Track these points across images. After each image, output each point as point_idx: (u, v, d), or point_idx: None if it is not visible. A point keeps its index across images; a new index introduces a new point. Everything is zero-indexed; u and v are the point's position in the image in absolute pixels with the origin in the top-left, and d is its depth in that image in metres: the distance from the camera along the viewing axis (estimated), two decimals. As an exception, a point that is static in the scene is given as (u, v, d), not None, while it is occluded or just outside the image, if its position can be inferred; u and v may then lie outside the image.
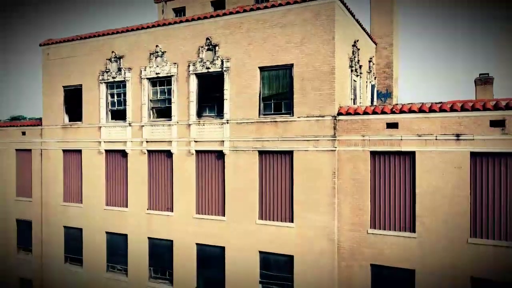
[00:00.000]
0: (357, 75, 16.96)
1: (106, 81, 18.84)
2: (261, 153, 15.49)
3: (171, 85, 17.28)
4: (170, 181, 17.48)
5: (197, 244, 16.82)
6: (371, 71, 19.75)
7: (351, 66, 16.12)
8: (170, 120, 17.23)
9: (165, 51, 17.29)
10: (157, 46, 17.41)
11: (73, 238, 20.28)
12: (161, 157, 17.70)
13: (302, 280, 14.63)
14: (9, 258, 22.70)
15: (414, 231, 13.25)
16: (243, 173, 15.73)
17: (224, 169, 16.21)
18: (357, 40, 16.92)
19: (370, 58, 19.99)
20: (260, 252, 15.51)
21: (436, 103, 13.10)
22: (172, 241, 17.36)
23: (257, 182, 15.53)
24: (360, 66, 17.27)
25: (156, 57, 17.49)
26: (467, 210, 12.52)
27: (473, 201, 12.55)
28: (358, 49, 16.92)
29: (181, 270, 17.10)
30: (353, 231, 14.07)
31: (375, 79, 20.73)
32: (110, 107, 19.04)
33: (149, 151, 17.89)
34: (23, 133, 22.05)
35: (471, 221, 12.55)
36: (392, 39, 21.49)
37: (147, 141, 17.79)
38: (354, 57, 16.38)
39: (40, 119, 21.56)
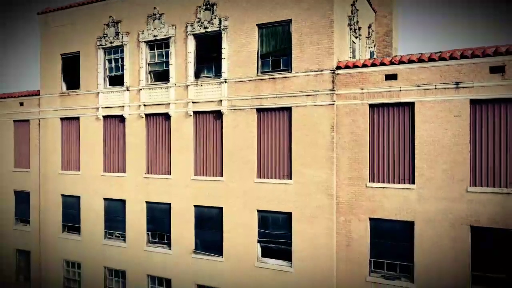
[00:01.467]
0: (356, 37, 16.83)
1: (103, 46, 18.73)
2: (259, 111, 15.38)
3: (168, 48, 17.16)
4: (168, 144, 17.38)
5: (195, 206, 16.72)
6: (370, 37, 19.63)
7: (350, 25, 16.00)
8: (168, 82, 17.12)
9: (162, 13, 17.18)
10: (154, 8, 17.30)
11: (71, 207, 20.19)
12: (159, 121, 17.59)
13: (300, 237, 14.53)
14: (7, 230, 22.60)
15: (413, 182, 13.14)
16: (241, 132, 15.62)
17: (222, 129, 16.10)
18: (356, 0, 16.80)
19: (370, 25, 19.86)
20: (259, 211, 15.41)
21: (435, 52, 12.98)
22: (170, 204, 17.26)
23: (255, 141, 15.43)
24: (359, 28, 17.14)
25: (153, 20, 17.37)
26: (466, 159, 12.41)
27: (473, 150, 12.44)
28: (357, 10, 16.79)
29: (179, 233, 17.00)
30: (352, 185, 13.96)
31: (374, 46, 20.61)
32: (108, 73, 18.93)
33: (147, 115, 17.78)
34: (21, 104, 21.95)
35: (471, 170, 12.44)
36: (392, 8, 21.36)
37: (144, 105, 17.68)
38: (353, 16, 16.25)
39: (38, 90, 21.44)
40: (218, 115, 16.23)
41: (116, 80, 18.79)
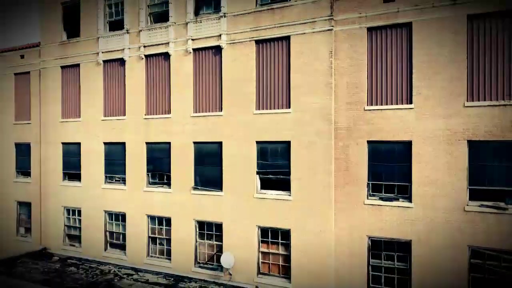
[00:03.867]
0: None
1: (104, -9, 18.84)
2: (258, 42, 15.47)
3: (168, -12, 17.26)
4: (167, 84, 17.47)
5: (194, 143, 16.81)
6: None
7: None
8: (167, 22, 17.21)
9: (162, -47, 17.29)
10: None
11: (72, 154, 20.29)
12: (158, 61, 17.68)
13: (299, 165, 14.62)
14: (7, 182, 22.71)
15: (411, 102, 13.23)
16: (240, 65, 15.71)
17: (221, 64, 16.19)
18: None
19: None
20: (258, 142, 15.49)
21: (432, -28, 13.06)
22: (169, 143, 17.36)
23: (254, 73, 15.51)
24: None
25: (153, -40, 17.48)
26: (463, 74, 12.50)
27: (470, 65, 12.52)
28: None
29: (179, 171, 17.10)
30: (350, 110, 14.05)
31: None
32: (108, 18, 19.03)
33: (146, 56, 17.87)
34: (22, 56, 22.05)
35: (468, 85, 12.52)
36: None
37: (144, 46, 17.78)
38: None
39: (39, 42, 21.52)
40: (217, 50, 16.32)
41: (116, 26, 18.91)
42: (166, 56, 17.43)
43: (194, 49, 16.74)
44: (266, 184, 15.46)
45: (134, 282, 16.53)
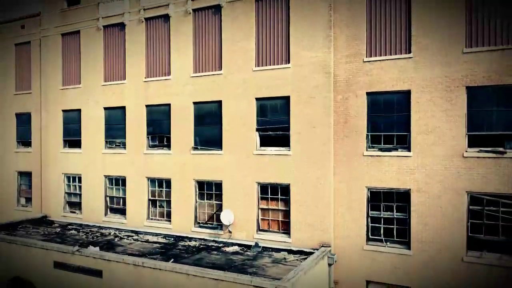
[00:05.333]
0: None
1: (104, -44, 18.89)
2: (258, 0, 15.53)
3: (168, -50, 17.31)
4: (167, 46, 17.52)
5: (194, 103, 16.86)
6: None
7: None
8: (168, -17, 17.28)
9: None
10: None
11: (72, 121, 20.35)
12: (158, 24, 17.73)
13: (298, 118, 14.65)
14: (8, 153, 22.77)
15: (409, 51, 13.27)
16: (239, 23, 15.75)
17: (221, 23, 16.24)
18: None
19: None
20: (257, 99, 15.54)
21: None
22: (169, 104, 17.41)
23: (254, 30, 15.56)
24: None
25: None
26: (462, 20, 12.51)
27: (468, 11, 12.52)
28: None
29: (178, 132, 17.15)
30: (349, 62, 14.08)
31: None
32: (108, -16, 19.10)
33: (146, 19, 17.93)
34: (22, 27, 22.11)
35: (466, 31, 12.52)
36: None
37: (144, 9, 17.83)
38: None
39: (39, 11, 21.56)
40: (217, 9, 16.37)
41: (116, -10, 18.98)
42: (166, 18, 17.48)
43: (194, 10, 16.79)
44: (265, 141, 15.51)
45: (134, 241, 16.60)
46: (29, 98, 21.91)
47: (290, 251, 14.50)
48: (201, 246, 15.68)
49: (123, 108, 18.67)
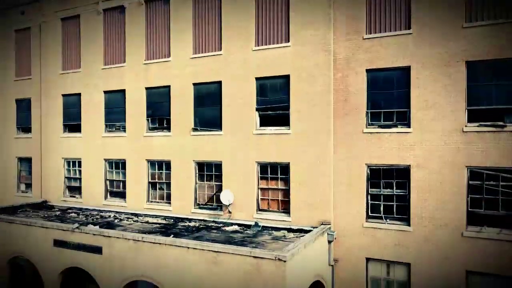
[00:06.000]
0: None
1: None
2: (258, -21, 15.54)
3: None
4: (167, 28, 17.51)
5: (194, 84, 16.85)
6: None
7: None
8: (167, -35, 17.29)
9: None
10: None
11: (72, 106, 20.34)
12: (159, 5, 17.73)
13: (298, 97, 14.64)
14: (8, 139, 22.78)
15: (409, 27, 13.25)
16: (239, 2, 15.74)
17: (220, 3, 16.23)
18: None
19: None
20: (257, 79, 15.53)
21: None
22: (169, 86, 17.40)
23: (253, 9, 15.54)
24: None
25: None
26: (462, -5, 12.52)
27: (468, -14, 12.53)
28: None
29: (178, 114, 17.14)
30: (349, 40, 14.07)
31: None
32: (108, -33, 19.10)
33: (146, 1, 17.92)
34: (22, 13, 22.10)
35: (466, 6, 12.49)
36: None
37: (144, -9, 17.86)
38: None
39: None
40: (217, -10, 16.38)
41: (116, -26, 18.99)
42: (165, 0, 17.48)
43: (193, -9, 16.80)
44: (265, 121, 15.50)
45: (134, 222, 16.59)
46: (29, 84, 21.90)
47: (290, 230, 14.50)
48: (201, 226, 15.68)
49: (123, 91, 18.67)
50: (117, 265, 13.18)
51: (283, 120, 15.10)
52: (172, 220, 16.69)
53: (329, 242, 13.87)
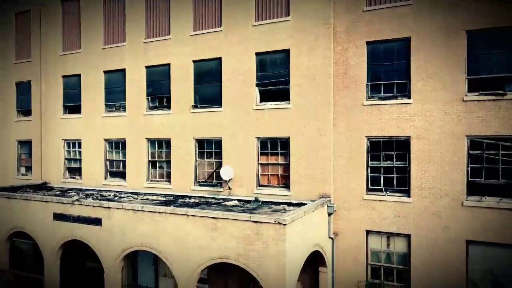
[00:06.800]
0: None
1: None
2: (258, -46, 15.52)
3: None
4: (167, 5, 17.47)
5: (194, 61, 16.83)
6: None
7: None
8: None
9: None
10: None
11: (71, 87, 20.32)
12: (158, -16, 17.73)
13: (298, 71, 14.63)
14: (8, 123, 22.78)
15: (409, -3, 13.25)
16: (239, -22, 15.75)
17: (220, -20, 16.24)
18: None
19: None
20: (257, 54, 15.52)
21: None
22: (169, 64, 17.39)
23: (253, -15, 15.56)
24: None
25: None
26: (462, -35, 12.51)
27: (468, -45, 12.51)
28: None
29: (178, 92, 17.13)
30: (349, 13, 14.04)
31: None
32: None
33: (146, -20, 17.94)
34: (22, -4, 22.11)
35: (466, -24, 12.51)
36: None
37: (144, -30, 17.85)
38: None
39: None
40: (216, -33, 16.36)
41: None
42: (165, -22, 17.50)
43: (193, -32, 16.78)
44: (265, 96, 15.48)
45: (133, 199, 16.57)
46: (29, 67, 21.89)
47: (289, 204, 14.47)
48: (201, 202, 15.67)
49: (123, 71, 18.66)
50: (117, 236, 13.18)
51: (283, 95, 15.08)
52: (172, 197, 16.67)
53: (329, 214, 13.86)
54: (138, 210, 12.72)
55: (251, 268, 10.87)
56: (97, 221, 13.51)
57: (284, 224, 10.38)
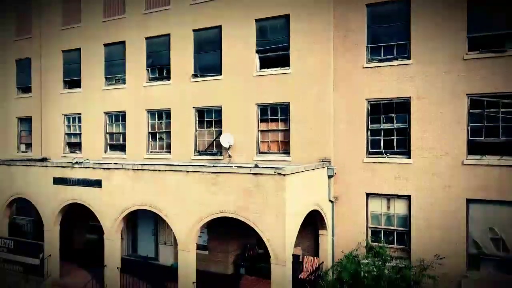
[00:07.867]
0: None
1: None
2: None
3: None
4: (167, -24, 17.50)
5: (194, 30, 16.82)
6: None
7: None
8: None
9: None
10: None
11: (72, 62, 20.30)
12: (158, -45, 17.72)
13: (298, 35, 14.60)
14: (8, 100, 22.77)
15: (409, -40, 13.21)
16: None
17: None
18: None
19: None
20: (257, 20, 15.49)
21: None
22: (169, 34, 17.37)
23: (253, -48, 15.53)
24: None
25: None
26: None
27: None
28: None
29: (178, 61, 17.11)
30: (349, -24, 14.05)
31: None
32: None
33: (146, -49, 17.92)
34: (22, -26, 22.10)
35: None
36: None
37: None
38: None
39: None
40: None
41: None
42: (165, -51, 17.48)
43: None
44: (265, 63, 15.46)
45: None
46: (29, 43, 21.88)
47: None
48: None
49: (122, 43, 18.64)
50: (117, 196, 13.17)
51: (283, 61, 15.05)
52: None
53: (329, 177, 13.84)
54: (138, 170, 12.71)
55: (250, 221, 10.85)
56: (97, 183, 13.49)
57: (284, 175, 10.38)
